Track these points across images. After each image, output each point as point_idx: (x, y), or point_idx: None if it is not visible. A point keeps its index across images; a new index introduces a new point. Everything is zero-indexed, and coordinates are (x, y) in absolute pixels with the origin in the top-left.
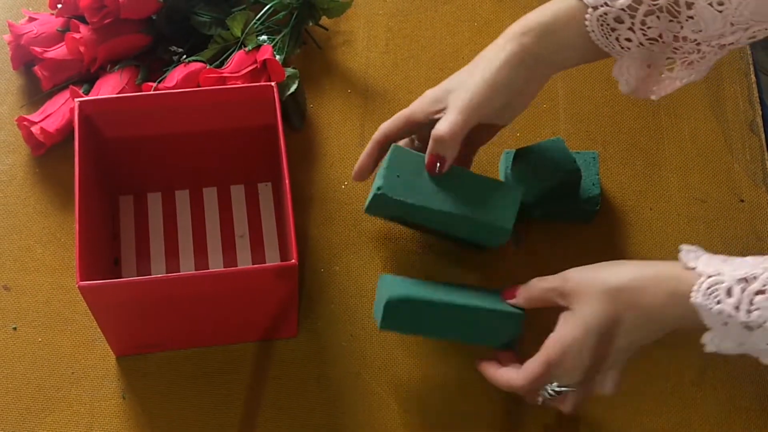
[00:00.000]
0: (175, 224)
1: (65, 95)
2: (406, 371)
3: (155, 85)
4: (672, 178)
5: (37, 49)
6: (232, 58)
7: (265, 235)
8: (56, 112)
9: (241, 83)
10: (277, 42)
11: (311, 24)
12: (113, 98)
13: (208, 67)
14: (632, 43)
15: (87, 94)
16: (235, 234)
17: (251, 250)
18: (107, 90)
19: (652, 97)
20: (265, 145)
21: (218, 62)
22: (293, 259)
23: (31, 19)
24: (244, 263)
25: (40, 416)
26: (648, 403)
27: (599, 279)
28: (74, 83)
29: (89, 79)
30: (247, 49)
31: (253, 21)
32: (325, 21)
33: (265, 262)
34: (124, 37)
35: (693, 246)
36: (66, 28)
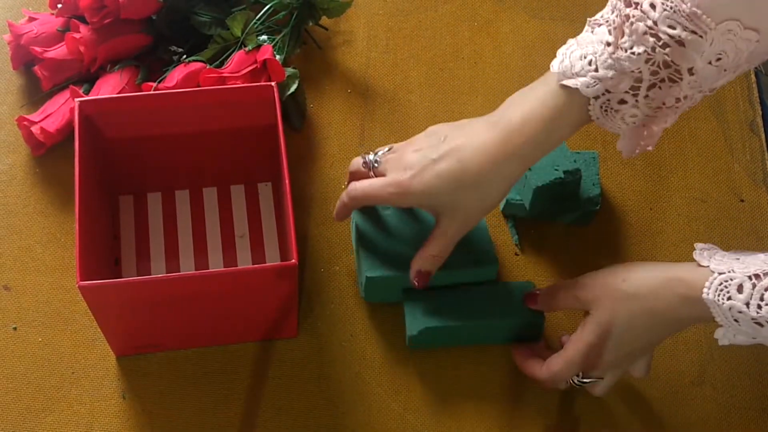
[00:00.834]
0: (175, 224)
1: (65, 95)
2: (406, 371)
3: (155, 85)
4: (672, 178)
5: (37, 49)
6: (232, 58)
7: (265, 235)
8: (56, 112)
9: (241, 83)
10: (277, 42)
11: (311, 24)
12: (113, 98)
13: (208, 67)
14: (637, 118)
15: (87, 94)
16: (235, 234)
17: (251, 250)
18: (107, 90)
19: (648, 149)
20: (265, 145)
21: (218, 62)
22: (293, 259)
23: (31, 19)
24: (244, 263)
25: (40, 416)
26: (648, 403)
27: (613, 285)
28: (74, 83)
29: (89, 79)
30: (247, 49)
31: (253, 21)
32: (325, 21)
33: (265, 262)
34: (124, 37)
35: (708, 244)
36: (66, 28)
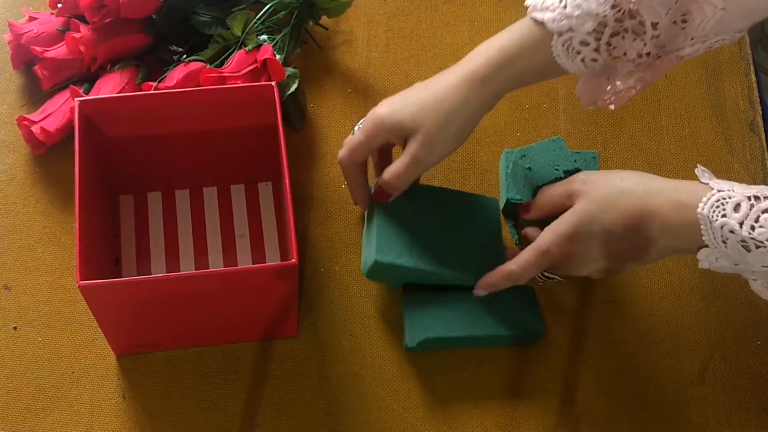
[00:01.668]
0: (175, 224)
1: (65, 95)
2: (405, 371)
3: (155, 84)
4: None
5: (37, 48)
6: (232, 57)
7: (265, 234)
8: (56, 112)
9: (241, 83)
10: (278, 41)
11: (311, 23)
12: (113, 98)
13: (208, 67)
14: (597, 63)
15: (87, 93)
16: (235, 234)
17: (251, 249)
18: (107, 89)
19: (611, 107)
20: (265, 144)
21: (218, 62)
22: (293, 259)
23: (32, 19)
24: (244, 263)
25: (41, 416)
26: (648, 403)
27: (607, 180)
28: (74, 83)
29: (89, 79)
30: (247, 48)
31: (254, 20)
32: (325, 20)
33: (265, 262)
34: (125, 37)
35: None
36: (66, 28)
